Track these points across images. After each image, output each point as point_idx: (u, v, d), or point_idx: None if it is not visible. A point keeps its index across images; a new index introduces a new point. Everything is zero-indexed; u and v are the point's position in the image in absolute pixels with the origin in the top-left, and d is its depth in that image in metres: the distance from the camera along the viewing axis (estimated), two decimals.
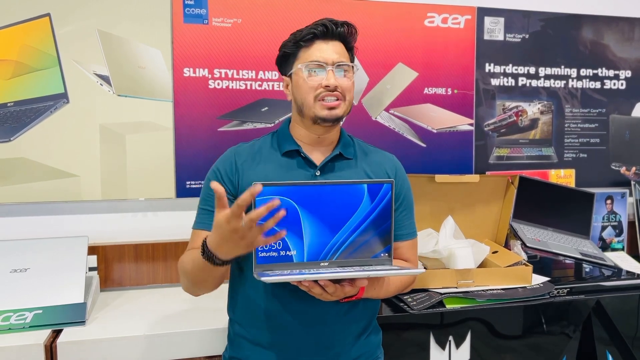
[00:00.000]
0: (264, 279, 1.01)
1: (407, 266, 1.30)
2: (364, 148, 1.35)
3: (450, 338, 1.56)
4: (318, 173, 1.24)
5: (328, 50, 1.22)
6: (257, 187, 0.92)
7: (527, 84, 2.22)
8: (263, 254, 1.10)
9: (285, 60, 1.27)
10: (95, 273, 1.76)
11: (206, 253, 1.03)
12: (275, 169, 1.24)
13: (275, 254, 1.11)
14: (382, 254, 1.18)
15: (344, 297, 1.14)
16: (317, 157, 1.27)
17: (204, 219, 1.23)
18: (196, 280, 1.16)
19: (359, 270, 1.10)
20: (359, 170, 1.29)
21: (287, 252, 1.12)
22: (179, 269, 1.22)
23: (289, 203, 1.11)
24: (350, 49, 1.28)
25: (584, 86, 2.28)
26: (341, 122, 1.28)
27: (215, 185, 0.94)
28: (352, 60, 1.28)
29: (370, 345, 1.31)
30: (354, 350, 1.26)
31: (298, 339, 1.21)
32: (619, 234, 2.25)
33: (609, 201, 2.25)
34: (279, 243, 1.11)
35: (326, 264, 1.15)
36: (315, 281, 1.06)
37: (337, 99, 1.21)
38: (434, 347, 1.54)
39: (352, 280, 1.09)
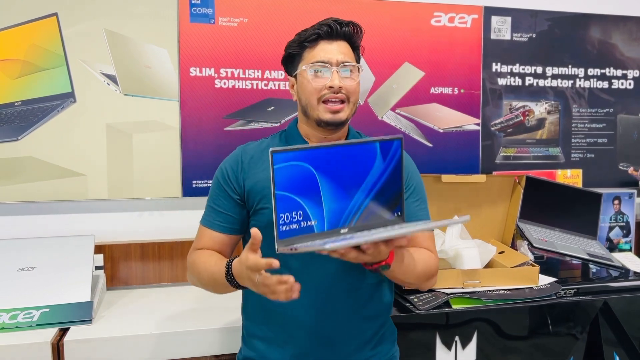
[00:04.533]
0: (297, 245, 0.97)
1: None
2: None
3: (457, 338, 1.55)
4: None
5: (333, 51, 1.20)
6: (275, 263, 0.96)
7: (534, 84, 2.21)
8: (285, 227, 1.03)
9: (290, 61, 1.26)
10: (101, 272, 1.76)
11: (229, 276, 1.11)
12: None
13: (296, 225, 1.05)
14: (395, 214, 1.14)
15: (375, 263, 1.08)
16: None
17: (211, 218, 1.25)
18: (210, 289, 1.22)
19: (397, 228, 1.05)
20: None
21: (308, 223, 1.06)
22: (189, 268, 1.24)
23: (307, 169, 1.06)
24: (355, 48, 1.26)
25: (592, 86, 2.27)
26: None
27: (255, 232, 0.98)
28: (358, 60, 1.27)
29: (385, 342, 1.30)
30: (367, 347, 1.25)
31: (310, 334, 1.21)
32: (626, 235, 2.24)
33: (616, 201, 2.23)
34: (300, 214, 1.05)
35: (346, 230, 1.08)
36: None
37: (342, 102, 1.20)
38: (440, 347, 1.54)
39: (387, 241, 1.03)
